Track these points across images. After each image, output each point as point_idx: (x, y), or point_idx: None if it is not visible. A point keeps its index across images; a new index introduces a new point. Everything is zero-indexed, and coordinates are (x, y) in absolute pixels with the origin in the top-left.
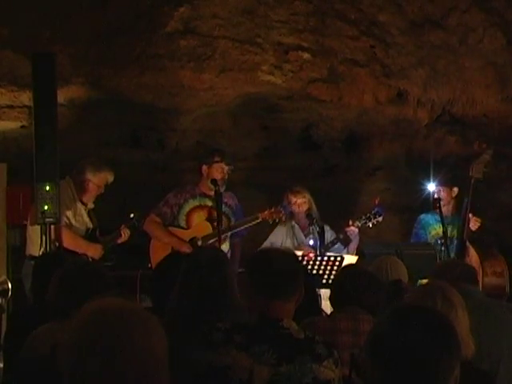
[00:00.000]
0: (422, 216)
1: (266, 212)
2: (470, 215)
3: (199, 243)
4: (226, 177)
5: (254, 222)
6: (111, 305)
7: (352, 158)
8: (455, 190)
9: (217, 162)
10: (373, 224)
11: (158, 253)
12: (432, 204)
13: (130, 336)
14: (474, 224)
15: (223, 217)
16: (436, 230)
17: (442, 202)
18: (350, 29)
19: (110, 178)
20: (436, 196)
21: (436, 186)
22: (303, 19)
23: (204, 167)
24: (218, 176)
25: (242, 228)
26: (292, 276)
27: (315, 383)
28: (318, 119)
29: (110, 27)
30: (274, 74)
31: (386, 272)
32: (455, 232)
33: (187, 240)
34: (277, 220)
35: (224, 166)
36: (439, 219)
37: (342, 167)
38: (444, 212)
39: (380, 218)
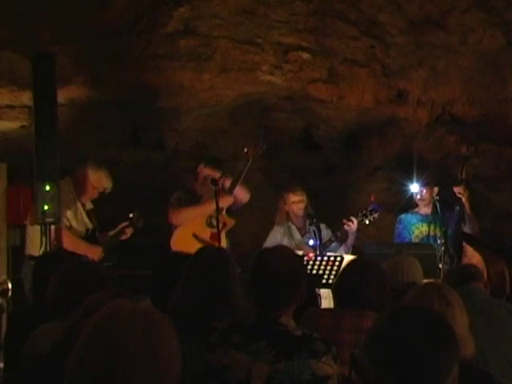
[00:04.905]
0: (403, 216)
1: (249, 149)
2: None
3: None
4: None
5: (248, 165)
6: (123, 307)
7: (352, 158)
8: (435, 189)
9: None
10: (369, 221)
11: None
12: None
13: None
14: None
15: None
16: (419, 229)
17: (423, 203)
18: (349, 29)
19: (107, 183)
20: (418, 197)
21: (419, 186)
22: (303, 19)
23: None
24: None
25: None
26: (286, 288)
27: (314, 379)
28: (318, 119)
29: (110, 27)
30: (274, 74)
31: (402, 273)
32: (437, 230)
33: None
34: (259, 153)
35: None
36: (421, 218)
37: (342, 167)
38: (425, 211)
39: (376, 215)
